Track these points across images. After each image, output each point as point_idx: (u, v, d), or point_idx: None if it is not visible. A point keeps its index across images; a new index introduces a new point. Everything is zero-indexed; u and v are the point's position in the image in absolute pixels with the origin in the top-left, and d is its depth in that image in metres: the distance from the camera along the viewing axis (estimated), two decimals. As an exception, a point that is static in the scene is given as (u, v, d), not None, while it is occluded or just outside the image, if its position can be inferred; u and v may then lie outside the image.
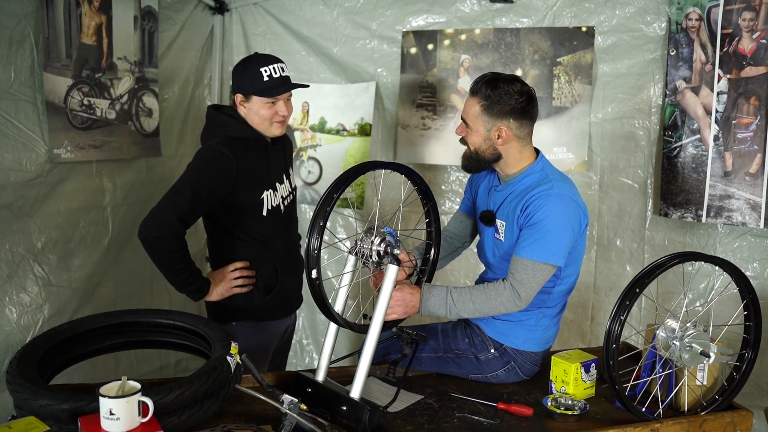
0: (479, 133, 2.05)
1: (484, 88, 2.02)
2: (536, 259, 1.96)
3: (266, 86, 2.20)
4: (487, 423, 1.88)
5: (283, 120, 2.27)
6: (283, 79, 2.24)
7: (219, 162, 2.15)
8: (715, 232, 2.69)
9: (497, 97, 2.01)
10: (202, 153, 2.20)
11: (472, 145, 2.09)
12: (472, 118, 2.06)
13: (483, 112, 2.03)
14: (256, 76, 2.20)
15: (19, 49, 2.39)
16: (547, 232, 1.95)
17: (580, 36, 2.76)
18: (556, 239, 1.96)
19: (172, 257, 2.09)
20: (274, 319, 2.38)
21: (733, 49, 2.54)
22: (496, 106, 2.01)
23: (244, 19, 3.23)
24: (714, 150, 2.60)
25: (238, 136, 2.22)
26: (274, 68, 2.22)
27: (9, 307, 2.46)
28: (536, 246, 1.96)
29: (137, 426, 1.52)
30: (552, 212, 1.96)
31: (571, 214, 1.99)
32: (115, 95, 2.79)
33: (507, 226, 2.08)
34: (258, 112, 2.23)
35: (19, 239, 2.48)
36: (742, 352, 1.97)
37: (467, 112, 2.07)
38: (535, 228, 1.97)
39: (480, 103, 2.03)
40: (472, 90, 2.06)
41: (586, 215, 2.06)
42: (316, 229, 1.73)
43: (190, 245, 2.15)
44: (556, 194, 1.98)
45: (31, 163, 2.47)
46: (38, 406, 1.59)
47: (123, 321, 2.06)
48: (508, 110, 2.01)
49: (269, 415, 1.82)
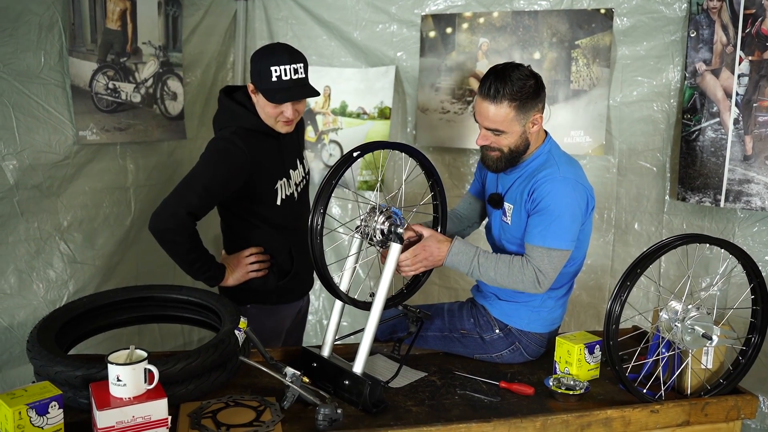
0: (516, 133, 2.01)
1: (507, 88, 1.94)
2: (549, 245, 1.96)
3: (272, 88, 2.12)
4: (488, 400, 1.91)
5: (288, 121, 2.20)
6: (293, 83, 2.13)
7: (232, 155, 2.12)
8: (734, 217, 2.65)
9: (522, 90, 1.96)
10: (215, 144, 2.17)
11: (505, 147, 2.04)
12: (506, 124, 1.98)
13: (518, 112, 1.97)
14: (265, 73, 2.12)
15: (48, 34, 2.48)
16: (556, 218, 1.95)
17: (598, 18, 2.73)
18: (566, 224, 1.96)
19: (184, 248, 2.10)
20: (288, 302, 2.41)
21: (756, 29, 2.49)
22: (527, 99, 1.97)
23: (266, 4, 3.28)
24: (734, 133, 2.55)
25: (249, 127, 2.20)
26: (286, 69, 2.11)
27: (36, 283, 2.56)
28: (547, 232, 1.96)
29: (143, 392, 1.59)
30: (559, 197, 1.96)
31: (579, 197, 1.99)
32: (140, 79, 2.87)
33: (515, 209, 2.09)
34: (264, 108, 2.18)
35: (47, 218, 2.58)
36: (749, 336, 1.95)
37: (496, 120, 1.98)
38: (543, 214, 1.97)
39: (511, 105, 1.95)
40: (493, 96, 1.95)
41: (592, 197, 2.06)
42: (319, 209, 1.78)
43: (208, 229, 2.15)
44: (561, 178, 1.98)
45: (59, 145, 2.56)
46: (54, 372, 1.69)
47: (139, 296, 2.15)
48: (535, 94, 1.99)
49: (275, 388, 1.89)
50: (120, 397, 1.56)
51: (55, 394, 1.55)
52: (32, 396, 1.53)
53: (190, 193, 2.08)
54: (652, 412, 1.83)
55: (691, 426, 1.88)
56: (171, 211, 2.06)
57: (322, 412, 1.67)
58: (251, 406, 1.78)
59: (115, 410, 1.53)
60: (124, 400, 1.56)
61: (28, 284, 2.53)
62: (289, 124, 2.22)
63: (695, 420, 1.87)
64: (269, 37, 3.29)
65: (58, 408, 1.55)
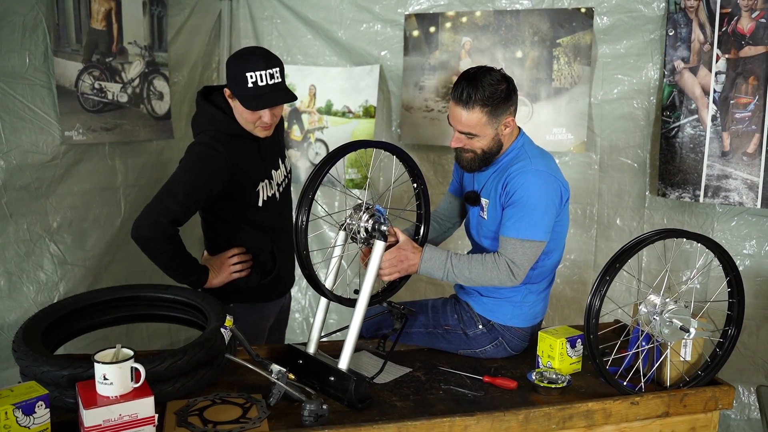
0: (488, 136, 2.05)
1: (479, 94, 1.97)
2: (522, 237, 2.00)
3: (248, 94, 2.09)
4: (472, 395, 1.94)
5: (266, 126, 2.18)
6: (270, 88, 2.10)
7: (213, 160, 2.11)
8: (713, 212, 2.70)
9: (494, 95, 1.99)
10: (195, 149, 2.15)
11: (478, 149, 2.08)
12: (479, 128, 2.02)
13: (489, 117, 2.01)
14: (241, 79, 2.08)
15: (32, 35, 2.48)
16: (529, 209, 1.99)
17: (579, 17, 2.77)
18: (539, 215, 2.00)
19: (167, 255, 2.11)
20: (270, 300, 2.43)
21: (732, 28, 2.53)
22: (499, 104, 2.00)
23: (251, 4, 3.29)
24: (712, 130, 2.60)
25: (229, 131, 2.18)
26: (262, 75, 2.07)
27: (27, 285, 2.57)
28: (521, 224, 2.00)
29: (130, 391, 1.60)
30: (531, 189, 2.00)
31: (551, 189, 2.03)
32: (126, 79, 2.88)
33: (490, 203, 2.13)
34: (241, 114, 2.16)
35: (36, 219, 2.59)
36: (726, 328, 2.00)
37: (469, 124, 2.02)
38: (516, 206, 2.01)
39: (483, 110, 1.99)
40: (465, 102, 1.99)
41: (567, 189, 2.09)
42: (303, 206, 1.81)
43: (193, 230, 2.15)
44: (533, 170, 2.01)
45: (47, 146, 2.57)
46: (40, 372, 1.70)
47: (125, 296, 2.17)
48: (506, 97, 2.02)
49: (261, 385, 1.91)
50: (107, 396, 1.58)
51: (42, 394, 1.56)
52: (18, 396, 1.54)
53: (172, 200, 2.06)
54: (632, 404, 1.87)
55: (670, 417, 1.92)
56: (153, 219, 2.06)
57: (307, 408, 1.70)
58: (238, 403, 1.81)
59: (102, 409, 1.54)
60: (111, 398, 1.57)
61: (18, 286, 2.53)
62: (268, 128, 2.21)
63: (674, 411, 1.91)
64: (254, 36, 3.30)
65: (45, 407, 1.56)
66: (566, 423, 1.82)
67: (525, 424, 1.78)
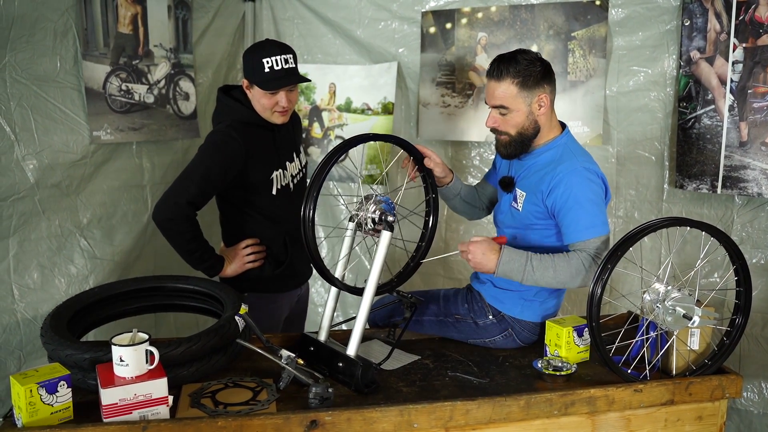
0: (521, 111, 2.06)
1: (511, 67, 2.03)
2: (599, 234, 2.00)
3: (265, 78, 2.24)
4: (477, 381, 1.98)
5: (283, 110, 2.31)
6: (285, 72, 2.26)
7: (227, 146, 2.25)
8: (732, 204, 2.67)
9: (527, 70, 2.03)
10: (211, 137, 2.30)
11: (513, 128, 2.09)
12: (510, 100, 2.05)
13: (521, 89, 2.04)
14: (258, 66, 2.24)
15: (63, 40, 2.61)
16: (594, 205, 2.00)
17: (593, 10, 2.78)
18: (599, 210, 2.01)
19: (185, 237, 2.24)
20: (284, 291, 2.51)
21: (750, 17, 2.51)
22: (530, 78, 2.04)
23: (273, 5, 3.38)
24: (729, 120, 2.58)
25: (245, 120, 2.33)
26: (277, 60, 2.24)
27: (58, 278, 2.70)
28: (596, 221, 2.00)
29: (145, 372, 1.70)
30: (586, 186, 2.00)
31: (599, 187, 2.05)
32: (153, 80, 3.00)
33: (527, 197, 2.12)
34: (259, 100, 2.30)
35: (67, 215, 2.72)
36: (733, 317, 1.99)
37: (501, 97, 2.05)
38: (576, 208, 1.99)
39: (514, 81, 2.03)
40: (497, 75, 2.05)
41: (609, 189, 2.11)
42: (311, 199, 1.88)
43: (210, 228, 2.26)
44: (582, 169, 2.02)
45: (77, 145, 2.69)
46: (64, 355, 1.81)
47: (148, 286, 2.27)
48: (541, 77, 2.05)
49: (273, 371, 1.98)
50: (123, 377, 1.67)
51: (64, 374, 1.67)
52: (43, 376, 1.65)
53: (189, 183, 2.21)
54: (636, 392, 1.88)
55: (675, 405, 1.92)
56: (172, 201, 2.20)
57: (313, 391, 1.77)
58: (249, 386, 1.89)
59: (118, 388, 1.64)
60: (127, 379, 1.67)
61: (50, 279, 2.66)
62: (284, 113, 2.33)
63: (679, 399, 1.92)
64: (276, 36, 3.39)
65: (67, 387, 1.67)
66: (568, 409, 1.84)
67: (526, 410, 1.81)
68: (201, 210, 2.31)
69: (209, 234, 2.48)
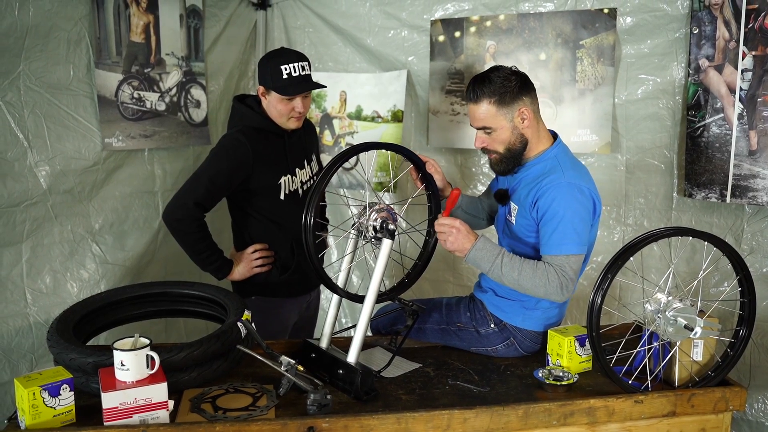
0: (504, 128, 2.09)
1: (485, 87, 2.06)
2: (568, 252, 1.99)
3: (284, 84, 2.32)
4: (477, 390, 1.98)
5: (299, 116, 2.39)
6: (302, 78, 2.34)
7: (236, 150, 2.32)
8: (742, 213, 2.64)
9: (502, 87, 2.05)
10: (221, 141, 2.38)
11: (501, 145, 2.11)
12: (491, 120, 2.08)
13: (499, 107, 2.06)
14: (276, 73, 2.32)
15: (76, 49, 2.67)
16: (568, 223, 1.98)
17: (602, 18, 2.77)
18: (579, 228, 1.99)
19: (193, 238, 2.31)
20: (292, 297, 2.54)
21: (759, 24, 2.49)
22: (507, 94, 2.06)
23: (284, 14, 3.42)
24: (738, 129, 2.55)
25: (255, 126, 2.38)
26: (295, 67, 2.33)
27: (70, 282, 2.75)
28: (564, 239, 1.99)
29: (145, 377, 1.72)
30: (566, 202, 1.99)
31: (585, 202, 2.02)
32: (164, 88, 3.04)
33: (519, 211, 2.14)
34: (276, 106, 2.37)
35: (79, 221, 2.77)
36: (737, 328, 1.97)
37: (482, 118, 2.09)
38: (554, 222, 1.99)
39: (491, 101, 2.06)
40: (474, 97, 2.09)
41: (599, 203, 2.09)
42: (311, 207, 1.90)
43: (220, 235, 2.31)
44: (566, 183, 2.01)
45: (89, 152, 2.74)
46: (69, 359, 1.84)
47: (154, 291, 2.30)
48: (518, 90, 2.07)
49: (275, 377, 1.99)
50: (124, 381, 1.70)
51: (67, 378, 1.70)
52: (46, 379, 1.68)
53: (198, 185, 2.29)
54: (637, 403, 1.87)
55: (678, 417, 1.91)
56: (180, 202, 2.28)
57: (311, 398, 1.78)
58: (249, 392, 1.91)
59: (119, 392, 1.67)
60: (128, 383, 1.69)
61: (62, 284, 2.71)
62: (299, 119, 2.42)
63: (682, 411, 1.90)
64: (287, 44, 3.42)
65: (69, 390, 1.70)
66: (567, 419, 1.83)
67: (525, 419, 1.81)
68: (211, 216, 2.35)
69: (220, 240, 2.52)
